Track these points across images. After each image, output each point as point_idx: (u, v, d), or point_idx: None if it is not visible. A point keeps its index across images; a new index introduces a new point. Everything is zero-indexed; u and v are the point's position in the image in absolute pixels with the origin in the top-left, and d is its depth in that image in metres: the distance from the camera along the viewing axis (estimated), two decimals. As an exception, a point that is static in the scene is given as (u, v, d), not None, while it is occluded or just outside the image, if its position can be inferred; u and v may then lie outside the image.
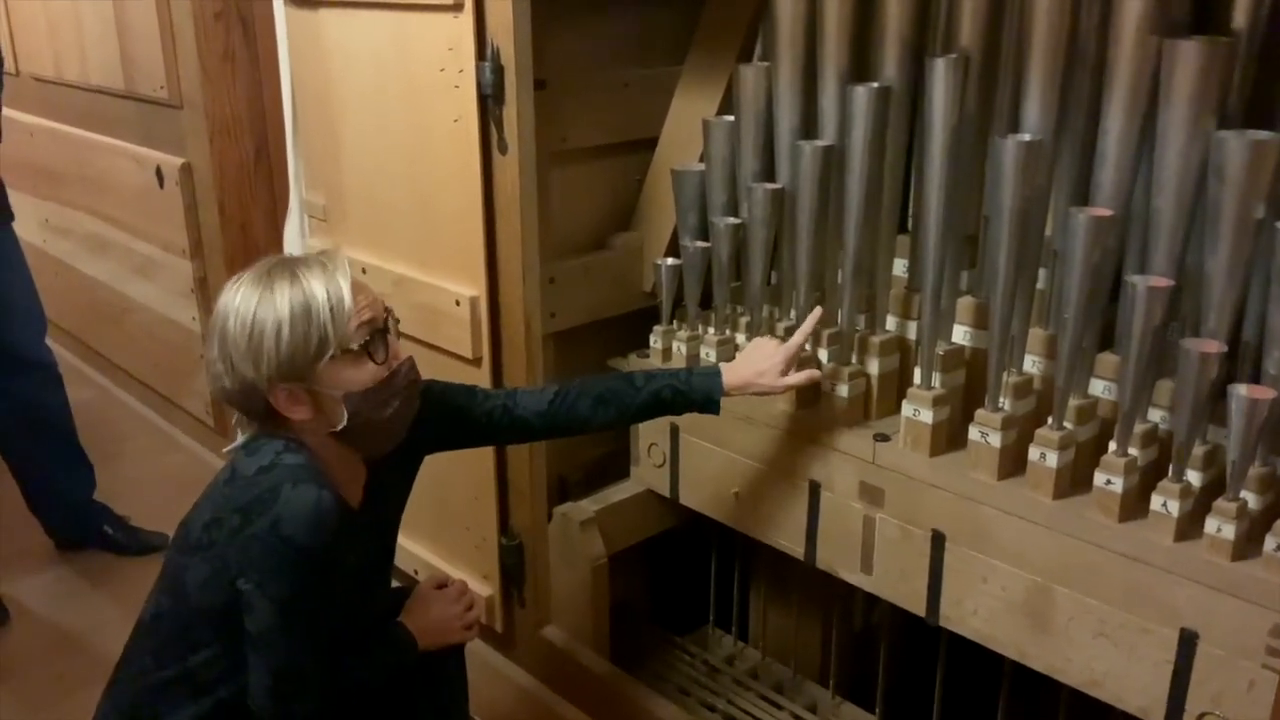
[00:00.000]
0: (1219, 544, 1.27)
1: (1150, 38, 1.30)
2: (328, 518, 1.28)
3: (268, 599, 1.28)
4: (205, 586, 1.33)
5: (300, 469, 1.31)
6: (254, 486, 1.30)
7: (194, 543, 1.35)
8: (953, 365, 1.57)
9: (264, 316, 1.28)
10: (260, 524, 1.27)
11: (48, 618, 2.44)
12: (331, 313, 1.28)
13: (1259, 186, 1.23)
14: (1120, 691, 1.38)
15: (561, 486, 2.07)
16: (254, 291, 1.30)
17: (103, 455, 2.78)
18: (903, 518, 1.57)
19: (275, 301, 1.28)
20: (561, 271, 1.94)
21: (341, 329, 1.29)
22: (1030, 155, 1.36)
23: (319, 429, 1.35)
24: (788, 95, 1.66)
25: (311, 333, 1.28)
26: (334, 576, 1.33)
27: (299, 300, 1.28)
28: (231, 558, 1.29)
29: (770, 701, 2.02)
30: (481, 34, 1.71)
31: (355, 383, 1.33)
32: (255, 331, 1.28)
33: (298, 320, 1.27)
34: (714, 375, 1.59)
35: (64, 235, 3.59)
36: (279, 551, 1.27)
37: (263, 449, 1.35)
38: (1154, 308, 1.29)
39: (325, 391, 1.32)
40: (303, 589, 1.29)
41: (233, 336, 1.29)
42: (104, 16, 2.93)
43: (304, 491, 1.28)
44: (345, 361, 1.31)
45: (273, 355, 1.27)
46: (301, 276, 1.30)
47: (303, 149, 2.26)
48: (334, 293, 1.29)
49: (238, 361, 1.29)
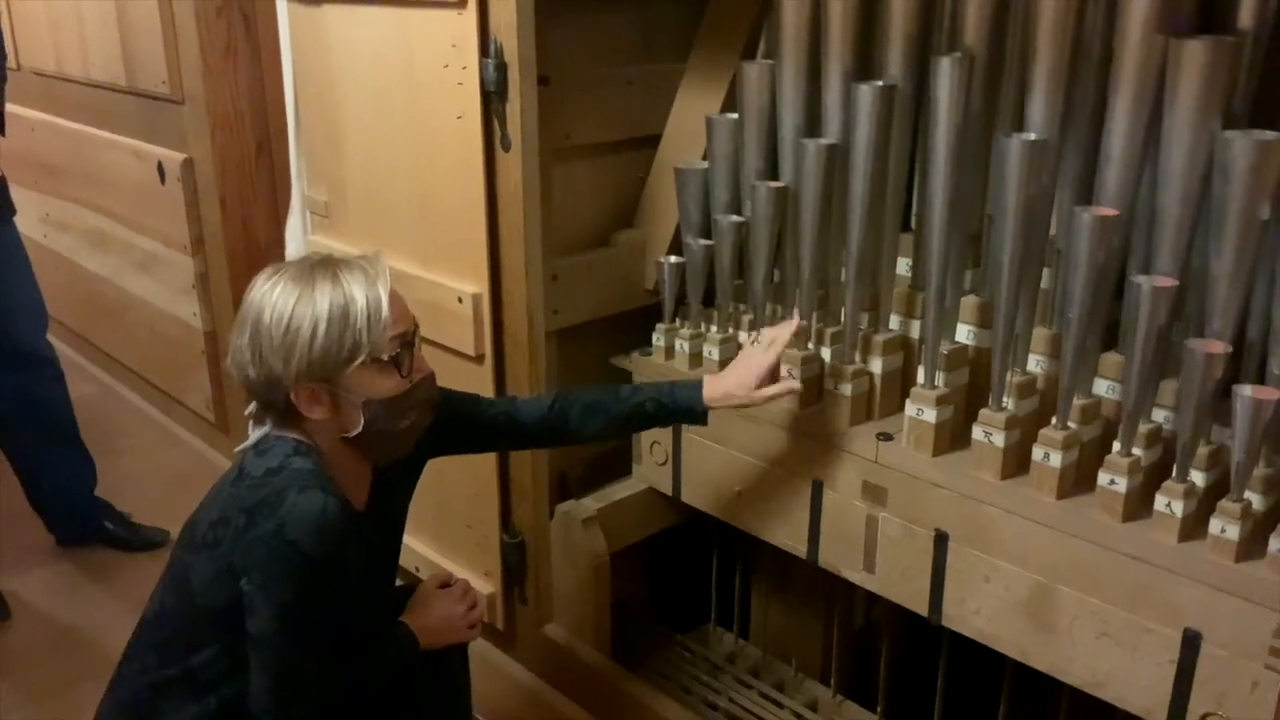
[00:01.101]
0: (1223, 544, 1.27)
1: (1156, 37, 1.30)
2: (333, 524, 1.28)
3: (269, 601, 1.28)
4: (209, 585, 1.33)
5: (308, 474, 1.31)
6: (261, 488, 1.31)
7: (200, 541, 1.35)
8: (956, 364, 1.57)
9: (302, 313, 1.28)
10: (265, 527, 1.27)
11: (48, 613, 2.43)
12: (368, 320, 1.29)
13: (1264, 186, 1.23)
14: (1123, 692, 1.38)
15: (563, 484, 2.07)
16: (294, 287, 1.30)
17: (103, 451, 2.77)
18: (906, 517, 1.56)
19: (315, 300, 1.28)
20: (564, 269, 1.94)
21: (376, 337, 1.30)
22: (1035, 154, 1.36)
23: (333, 431, 1.36)
24: (792, 93, 1.66)
25: (346, 336, 1.28)
26: (338, 580, 1.33)
27: (339, 302, 1.28)
28: (236, 558, 1.30)
29: (771, 700, 2.02)
30: (485, 30, 1.71)
31: (378, 391, 1.33)
32: (291, 327, 1.28)
33: (334, 322, 1.28)
34: (696, 387, 1.59)
35: (65, 230, 3.58)
36: (283, 555, 1.27)
37: (272, 450, 1.35)
38: (1159, 307, 1.29)
39: (347, 396, 1.32)
40: (305, 593, 1.29)
41: (266, 328, 1.29)
42: (105, 11, 2.92)
43: (310, 498, 1.28)
44: (373, 369, 1.32)
45: (305, 353, 1.28)
46: (343, 279, 1.30)
47: (305, 145, 2.26)
48: (373, 300, 1.30)
49: (268, 354, 1.29)
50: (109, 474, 2.74)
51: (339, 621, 1.37)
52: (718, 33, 1.91)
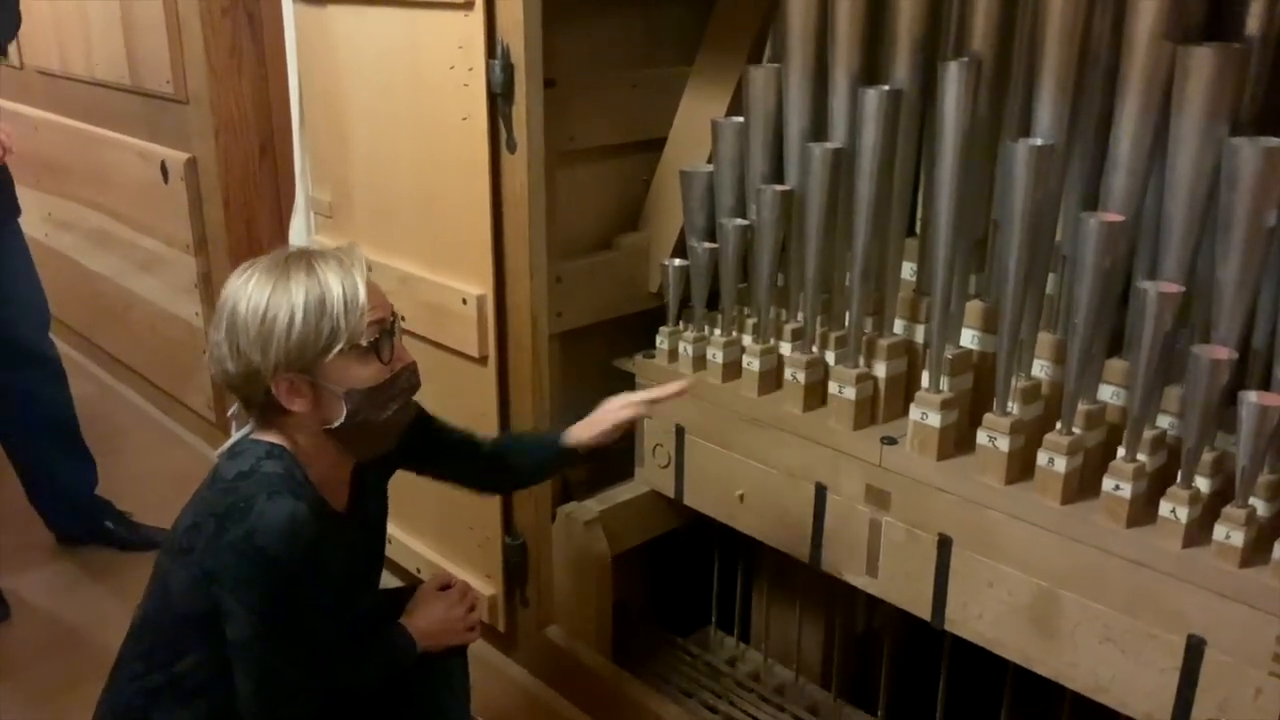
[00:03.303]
0: (1227, 550, 1.27)
1: (1164, 43, 1.30)
2: (303, 530, 1.27)
3: (245, 608, 1.28)
4: (187, 592, 1.33)
5: (277, 478, 1.30)
6: (231, 493, 1.30)
7: (177, 547, 1.35)
8: (961, 369, 1.57)
9: (278, 303, 1.28)
10: (234, 533, 1.26)
11: (49, 613, 2.43)
12: (345, 307, 1.29)
13: (1271, 193, 1.23)
14: (1126, 697, 1.37)
15: (565, 486, 2.07)
16: (269, 278, 1.30)
17: (104, 450, 2.77)
18: (909, 521, 1.56)
19: (290, 290, 1.28)
20: (568, 271, 1.94)
21: (353, 324, 1.30)
22: (1041, 159, 1.36)
23: (315, 424, 1.35)
24: (798, 97, 1.66)
25: (323, 325, 1.28)
26: (315, 583, 1.31)
27: (314, 291, 1.29)
28: (209, 564, 1.29)
29: (772, 704, 2.02)
30: (492, 32, 1.71)
31: (359, 380, 1.33)
32: (268, 317, 1.28)
33: (311, 310, 1.28)
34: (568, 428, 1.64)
35: (67, 229, 3.58)
36: (254, 561, 1.26)
37: (245, 453, 1.34)
38: (1164, 313, 1.29)
39: (327, 386, 1.32)
40: (279, 599, 1.28)
41: (242, 320, 1.29)
42: (110, 11, 2.92)
43: (279, 504, 1.27)
44: (352, 357, 1.31)
45: (282, 343, 1.28)
46: (318, 269, 1.30)
47: (309, 145, 2.26)
48: (349, 287, 1.30)
49: (245, 346, 1.29)
50: (110, 473, 2.73)
51: (319, 625, 1.36)
52: (724, 36, 1.92)
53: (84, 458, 2.64)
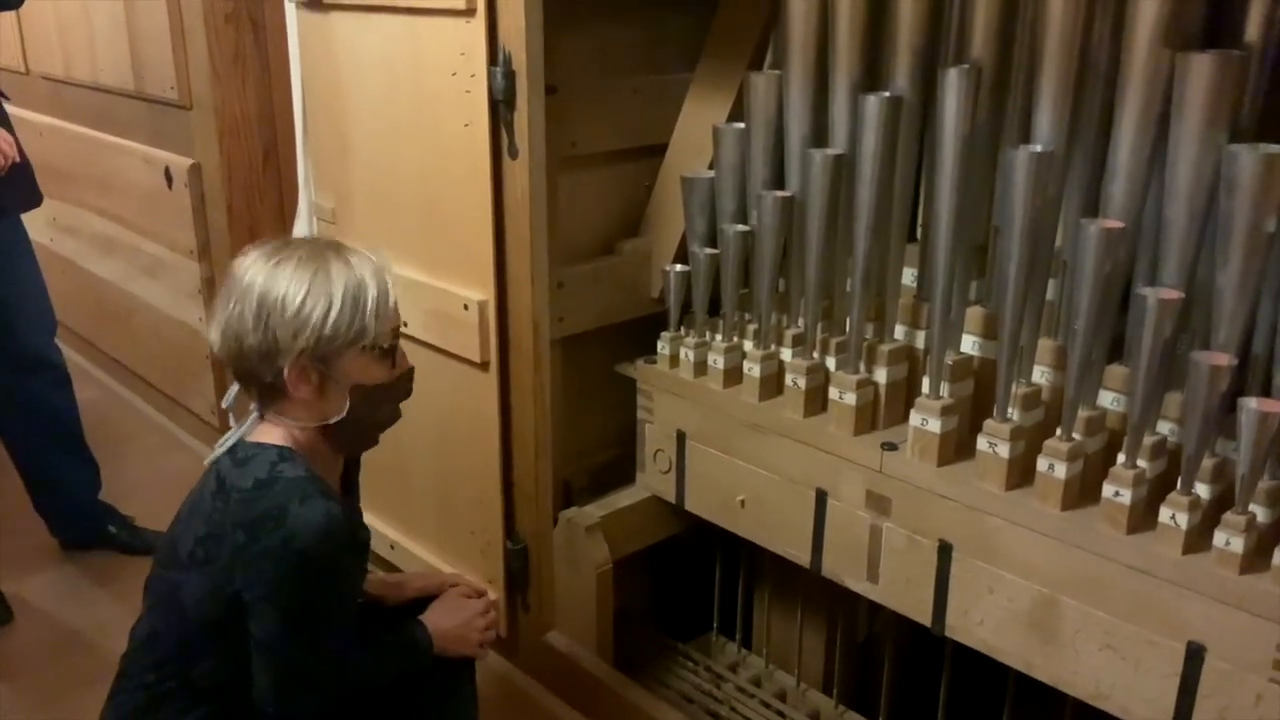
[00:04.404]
0: (1227, 557, 1.27)
1: (1163, 50, 1.30)
2: (338, 529, 1.30)
3: (277, 609, 1.29)
4: (203, 602, 1.34)
5: (303, 482, 1.32)
6: (256, 502, 1.31)
7: (187, 559, 1.35)
8: (961, 375, 1.57)
9: (319, 290, 1.31)
10: (269, 541, 1.28)
11: (52, 617, 2.43)
12: (378, 306, 1.34)
13: (1270, 200, 1.23)
14: (1126, 704, 1.37)
15: (567, 491, 2.07)
16: (310, 264, 1.32)
17: (108, 455, 2.77)
18: (910, 527, 1.56)
19: (332, 278, 1.32)
20: (570, 277, 1.94)
21: (381, 325, 1.35)
22: (1041, 166, 1.36)
23: (312, 416, 1.37)
24: (799, 103, 1.66)
25: (356, 319, 1.32)
26: (342, 582, 1.34)
27: (353, 284, 1.32)
28: (237, 573, 1.30)
29: (773, 709, 2.02)
30: (494, 39, 1.71)
31: (368, 377, 1.37)
32: (308, 303, 1.30)
33: (348, 303, 1.31)
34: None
35: (71, 234, 3.59)
36: (293, 565, 1.28)
37: (254, 459, 1.34)
38: (1164, 320, 1.29)
39: (336, 379, 1.35)
40: (312, 599, 1.31)
41: (276, 300, 1.30)
42: (114, 17, 2.93)
43: (313, 506, 1.29)
44: (369, 356, 1.36)
45: (316, 329, 1.30)
46: (355, 265, 1.34)
47: (312, 151, 2.27)
48: (383, 289, 1.35)
49: (276, 325, 1.30)
50: (113, 478, 2.74)
51: (342, 621, 1.38)
52: (725, 43, 1.92)
53: (87, 462, 2.65)
